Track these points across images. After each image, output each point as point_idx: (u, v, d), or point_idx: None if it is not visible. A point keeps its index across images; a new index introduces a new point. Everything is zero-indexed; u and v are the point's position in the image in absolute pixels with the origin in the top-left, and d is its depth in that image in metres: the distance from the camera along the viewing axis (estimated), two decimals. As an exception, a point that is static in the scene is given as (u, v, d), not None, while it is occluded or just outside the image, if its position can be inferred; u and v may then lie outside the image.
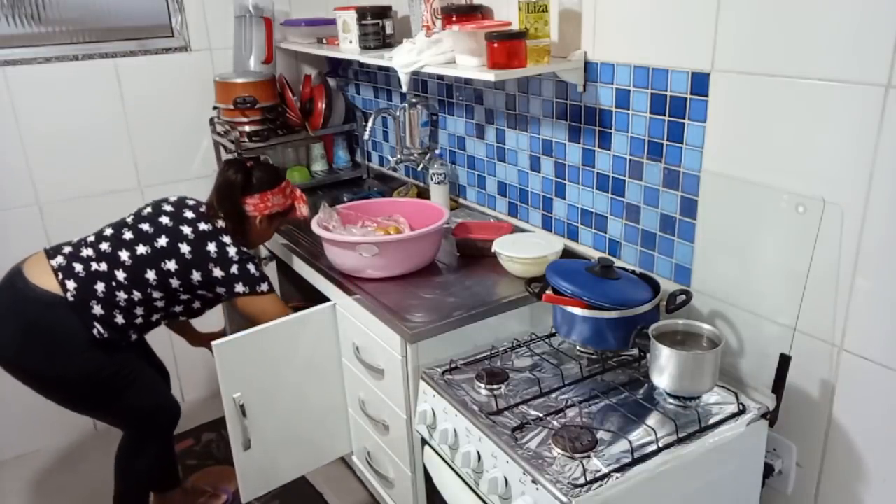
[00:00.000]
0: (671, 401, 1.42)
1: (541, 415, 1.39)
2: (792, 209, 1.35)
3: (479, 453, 1.37)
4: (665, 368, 1.38)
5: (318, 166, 2.95)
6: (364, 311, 1.81)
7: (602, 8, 1.66)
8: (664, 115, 1.58)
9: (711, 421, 1.36)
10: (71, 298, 1.84)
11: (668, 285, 1.64)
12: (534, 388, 1.47)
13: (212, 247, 1.92)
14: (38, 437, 2.71)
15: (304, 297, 2.30)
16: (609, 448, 1.29)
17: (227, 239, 1.94)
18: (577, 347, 1.61)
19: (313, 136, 2.80)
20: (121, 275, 1.88)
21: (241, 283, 1.93)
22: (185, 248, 1.91)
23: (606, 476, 1.21)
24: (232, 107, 2.56)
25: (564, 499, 1.17)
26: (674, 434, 1.31)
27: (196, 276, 1.92)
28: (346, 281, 1.88)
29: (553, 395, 1.46)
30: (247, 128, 2.62)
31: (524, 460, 1.26)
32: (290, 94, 2.73)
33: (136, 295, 1.90)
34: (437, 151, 2.44)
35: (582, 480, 1.19)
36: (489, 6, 1.95)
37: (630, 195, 1.73)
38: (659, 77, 1.56)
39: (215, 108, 2.69)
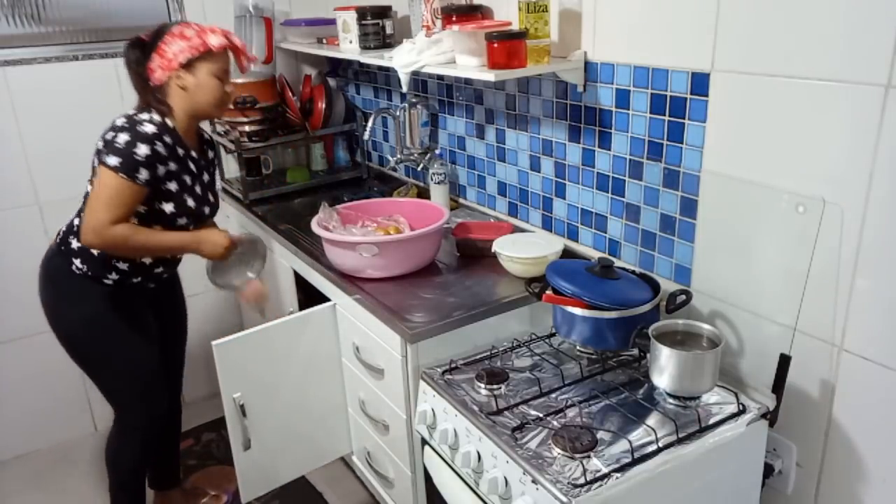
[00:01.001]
0: (671, 401, 1.42)
1: (541, 415, 1.39)
2: (792, 209, 1.35)
3: (479, 453, 1.37)
4: (665, 368, 1.38)
5: (318, 166, 2.95)
6: (364, 311, 1.81)
7: (602, 8, 1.66)
8: (664, 115, 1.58)
9: (711, 421, 1.36)
10: (57, 240, 1.88)
11: (668, 285, 1.64)
12: (534, 388, 1.47)
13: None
14: (38, 437, 2.71)
15: (304, 296, 2.30)
16: (609, 448, 1.29)
17: (138, 115, 1.73)
18: (577, 347, 1.61)
19: (313, 136, 2.80)
20: (82, 202, 1.85)
21: (112, 155, 1.66)
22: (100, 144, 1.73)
23: (606, 476, 1.21)
24: (232, 107, 2.56)
25: (564, 499, 1.17)
26: (674, 434, 1.31)
27: None
28: (346, 281, 1.88)
29: (553, 395, 1.46)
30: (247, 128, 2.62)
31: (524, 460, 1.26)
32: (290, 94, 2.73)
33: None
34: (437, 151, 2.44)
35: (582, 480, 1.19)
36: (489, 6, 1.95)
37: (630, 195, 1.73)
38: (659, 77, 1.56)
39: (215, 107, 2.69)
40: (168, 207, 1.78)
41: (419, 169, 2.51)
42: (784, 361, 1.38)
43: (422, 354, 1.66)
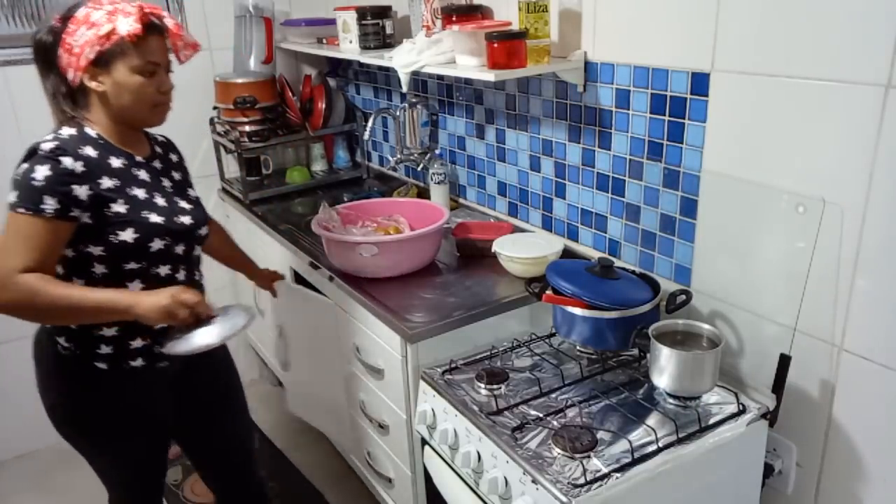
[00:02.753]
0: (671, 401, 1.42)
1: (541, 415, 1.39)
2: (792, 209, 1.35)
3: (479, 453, 1.37)
4: (665, 368, 1.38)
5: (318, 166, 2.95)
6: (364, 311, 1.81)
7: (602, 8, 1.66)
8: (664, 115, 1.58)
9: (711, 421, 1.36)
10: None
11: (668, 285, 1.64)
12: (534, 388, 1.47)
13: None
14: (38, 437, 2.70)
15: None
16: (609, 448, 1.29)
17: (46, 136, 1.36)
18: (577, 347, 1.61)
19: (313, 136, 2.80)
20: None
21: (13, 190, 1.31)
22: None
23: (606, 476, 1.21)
24: (232, 107, 2.56)
25: (564, 499, 1.17)
26: (674, 434, 1.31)
27: None
28: (346, 281, 1.88)
29: (553, 395, 1.46)
30: (247, 128, 2.62)
31: (524, 460, 1.26)
32: (290, 94, 2.73)
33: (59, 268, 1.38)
34: (437, 151, 2.44)
35: (582, 480, 1.19)
36: (489, 6, 1.95)
37: (630, 195, 1.73)
38: (659, 77, 1.56)
39: (215, 108, 2.69)
40: (128, 235, 1.35)
41: (419, 169, 2.51)
42: (784, 361, 1.38)
43: (422, 354, 1.66)
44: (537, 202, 2.06)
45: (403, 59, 1.90)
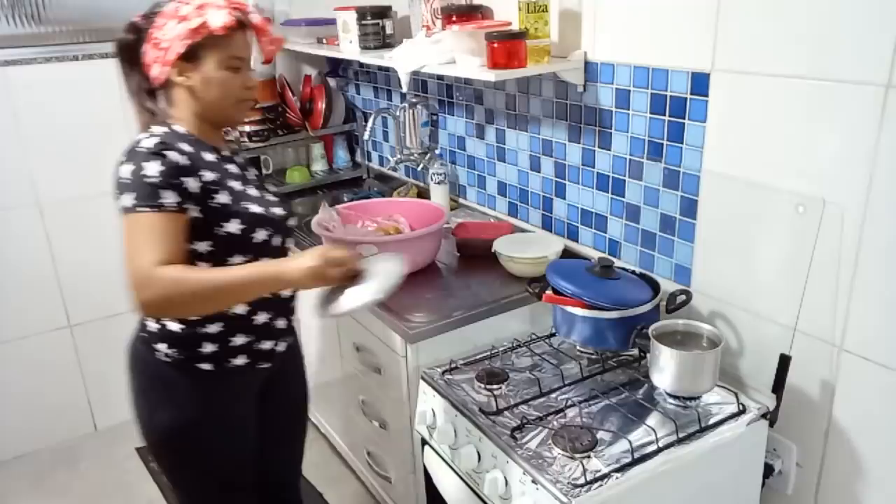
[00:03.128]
0: (671, 401, 1.42)
1: (541, 415, 1.39)
2: (792, 209, 1.35)
3: (479, 453, 1.37)
4: (665, 368, 1.38)
5: (318, 166, 2.95)
6: (364, 311, 1.81)
7: (602, 8, 1.66)
8: (664, 115, 1.58)
9: (711, 421, 1.36)
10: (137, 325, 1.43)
11: (668, 285, 1.63)
12: (534, 388, 1.47)
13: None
14: (38, 437, 2.71)
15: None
16: (609, 448, 1.29)
17: (137, 138, 1.33)
18: (577, 347, 1.61)
19: (313, 136, 2.80)
20: None
21: (126, 193, 1.26)
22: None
23: (606, 476, 1.21)
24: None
25: (564, 499, 1.17)
26: (674, 434, 1.31)
27: None
28: (346, 281, 1.88)
29: (553, 395, 1.46)
30: (247, 128, 2.62)
31: (524, 460, 1.26)
32: (290, 94, 2.73)
33: None
34: (437, 151, 2.44)
35: (582, 480, 1.19)
36: (489, 6, 1.95)
37: (630, 195, 1.73)
38: (659, 77, 1.56)
39: (215, 108, 2.69)
40: (234, 226, 1.33)
41: (419, 169, 2.51)
42: (784, 361, 1.38)
43: (422, 354, 1.66)
44: (537, 202, 2.06)
45: (403, 60, 1.90)
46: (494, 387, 1.49)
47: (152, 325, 1.38)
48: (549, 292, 1.57)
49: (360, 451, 2.14)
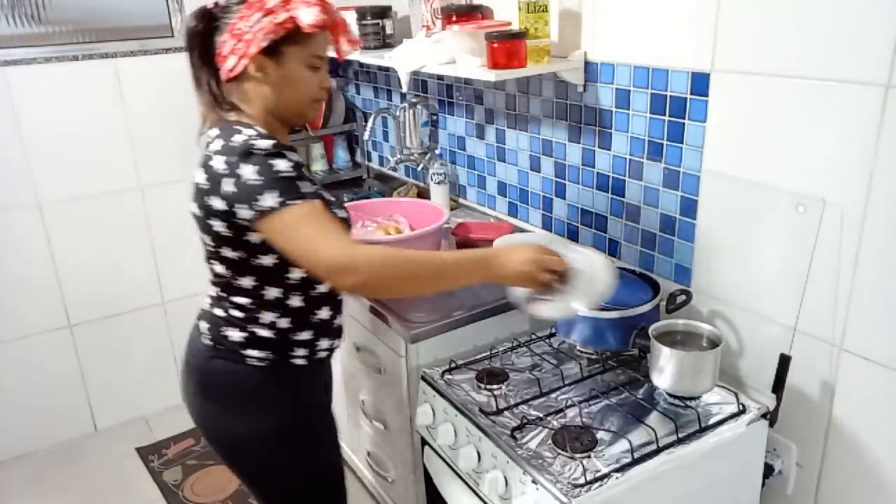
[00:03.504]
0: (671, 401, 1.42)
1: (541, 415, 1.39)
2: (792, 209, 1.35)
3: (479, 453, 1.37)
4: (665, 368, 1.38)
5: (318, 166, 2.95)
6: (364, 311, 1.81)
7: (602, 8, 1.66)
8: (664, 115, 1.58)
9: (711, 421, 1.36)
10: (206, 340, 1.37)
11: (668, 285, 1.63)
12: (534, 388, 1.47)
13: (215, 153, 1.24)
14: (38, 437, 2.71)
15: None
16: (609, 448, 1.29)
17: (231, 136, 1.23)
18: (577, 347, 1.61)
19: (313, 136, 2.80)
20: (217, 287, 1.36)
21: (266, 193, 1.16)
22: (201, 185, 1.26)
23: (606, 476, 1.21)
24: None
25: (564, 499, 1.17)
26: (674, 434, 1.31)
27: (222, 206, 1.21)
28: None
29: (553, 395, 1.46)
30: (247, 128, 2.61)
31: (524, 460, 1.26)
32: (290, 94, 2.73)
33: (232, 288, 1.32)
34: (437, 151, 2.44)
35: (582, 480, 1.19)
36: (489, 6, 1.95)
37: (630, 195, 1.73)
38: (659, 77, 1.56)
39: (215, 108, 2.68)
40: (263, 261, 1.29)
41: (419, 169, 2.51)
42: (784, 361, 1.38)
43: (422, 354, 1.66)
44: (537, 202, 2.06)
45: (403, 60, 1.90)
46: (494, 387, 1.49)
47: (235, 335, 1.33)
48: (549, 292, 1.56)
49: (360, 451, 2.14)
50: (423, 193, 2.47)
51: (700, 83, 1.48)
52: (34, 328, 2.61)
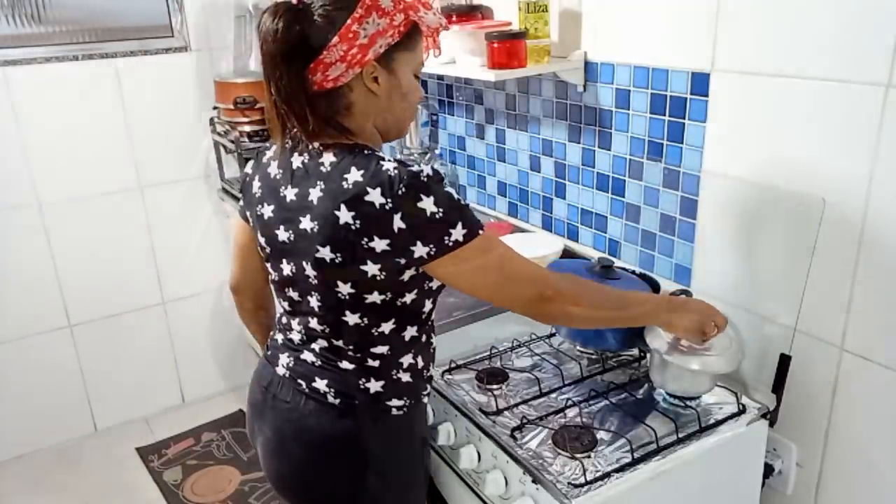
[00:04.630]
0: (671, 401, 1.42)
1: (541, 415, 1.38)
2: (792, 209, 1.35)
3: (479, 453, 1.37)
4: (665, 368, 1.38)
5: (318, 166, 2.95)
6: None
7: (602, 8, 1.66)
8: (664, 115, 1.58)
9: (711, 421, 1.35)
10: (332, 400, 1.20)
11: (668, 285, 1.63)
12: (534, 388, 1.47)
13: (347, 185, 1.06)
14: (38, 437, 2.71)
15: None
16: (609, 448, 1.29)
17: (378, 163, 1.06)
18: (577, 347, 1.61)
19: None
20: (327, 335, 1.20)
21: (450, 226, 1.06)
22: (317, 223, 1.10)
23: (606, 476, 1.21)
24: (232, 107, 2.56)
25: (564, 499, 1.17)
26: (674, 434, 1.31)
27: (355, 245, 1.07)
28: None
29: (553, 395, 1.46)
30: (247, 128, 2.61)
31: (524, 460, 1.26)
32: (291, 94, 2.72)
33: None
34: (437, 151, 2.44)
35: (582, 480, 1.19)
36: (489, 6, 1.95)
37: (630, 195, 1.73)
38: (659, 77, 1.56)
39: (215, 108, 2.68)
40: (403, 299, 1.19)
41: (419, 169, 2.51)
42: (784, 361, 1.38)
43: (422, 354, 1.66)
44: (537, 202, 2.06)
45: (403, 59, 1.90)
46: (494, 387, 1.49)
47: (374, 386, 1.19)
48: (549, 292, 1.56)
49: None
50: (423, 193, 2.47)
51: (700, 83, 1.48)
52: (34, 328, 2.61)
